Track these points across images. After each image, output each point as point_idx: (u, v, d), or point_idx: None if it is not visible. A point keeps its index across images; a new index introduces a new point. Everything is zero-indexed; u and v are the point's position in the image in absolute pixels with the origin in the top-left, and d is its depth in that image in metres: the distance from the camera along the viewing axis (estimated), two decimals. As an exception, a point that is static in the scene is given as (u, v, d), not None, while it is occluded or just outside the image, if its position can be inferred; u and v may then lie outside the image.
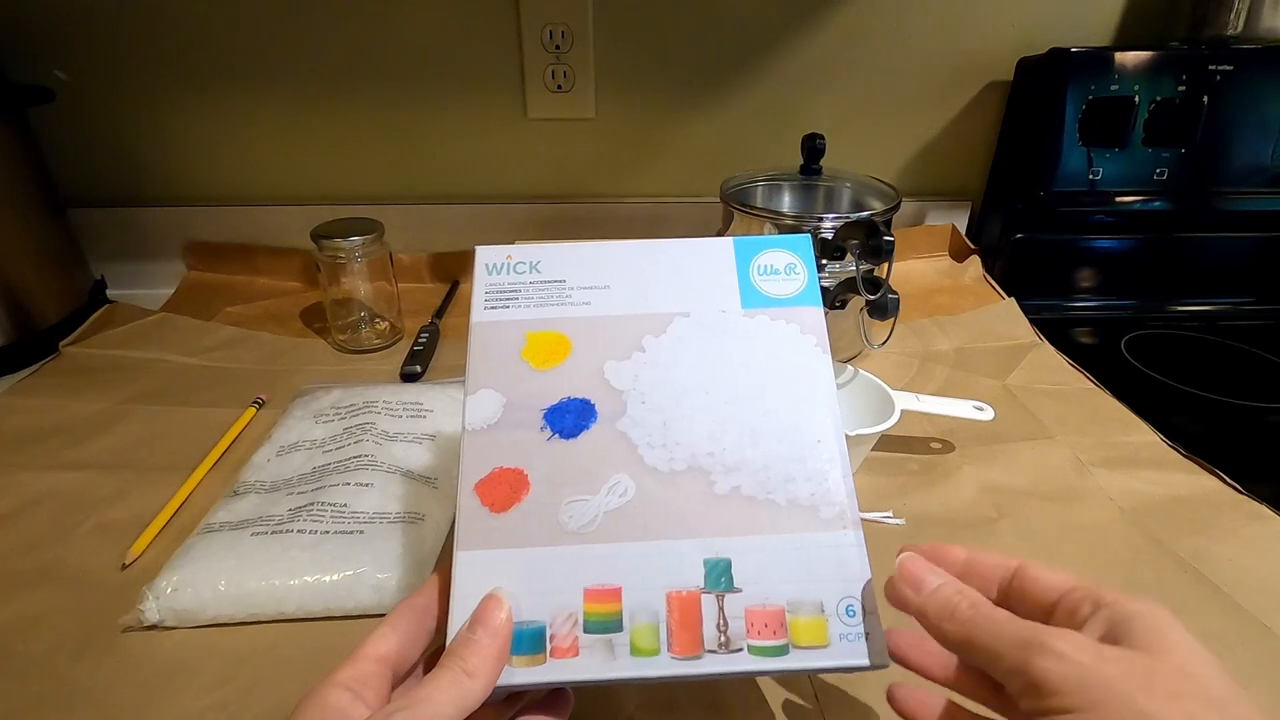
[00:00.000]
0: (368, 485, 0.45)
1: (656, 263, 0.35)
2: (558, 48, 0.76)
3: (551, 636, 0.27)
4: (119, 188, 0.80)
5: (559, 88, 0.78)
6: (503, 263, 0.35)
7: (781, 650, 0.27)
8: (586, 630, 0.27)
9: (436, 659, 0.26)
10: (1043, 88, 0.75)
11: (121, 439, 0.54)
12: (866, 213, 0.61)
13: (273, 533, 0.41)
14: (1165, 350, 0.71)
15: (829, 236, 0.59)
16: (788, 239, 0.36)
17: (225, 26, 0.74)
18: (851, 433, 0.45)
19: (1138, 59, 0.72)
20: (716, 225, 0.68)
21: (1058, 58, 0.73)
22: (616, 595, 0.28)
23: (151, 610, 0.37)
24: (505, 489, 0.30)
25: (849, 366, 0.53)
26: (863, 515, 0.33)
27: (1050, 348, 0.68)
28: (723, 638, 0.27)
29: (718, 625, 0.28)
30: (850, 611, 0.28)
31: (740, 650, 0.27)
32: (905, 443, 0.54)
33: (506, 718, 0.28)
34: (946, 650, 0.26)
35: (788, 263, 0.36)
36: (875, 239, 0.52)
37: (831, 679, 0.36)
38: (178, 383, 0.62)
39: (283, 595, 0.38)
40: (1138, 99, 0.72)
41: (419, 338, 0.67)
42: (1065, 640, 0.22)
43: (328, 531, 0.41)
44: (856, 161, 0.75)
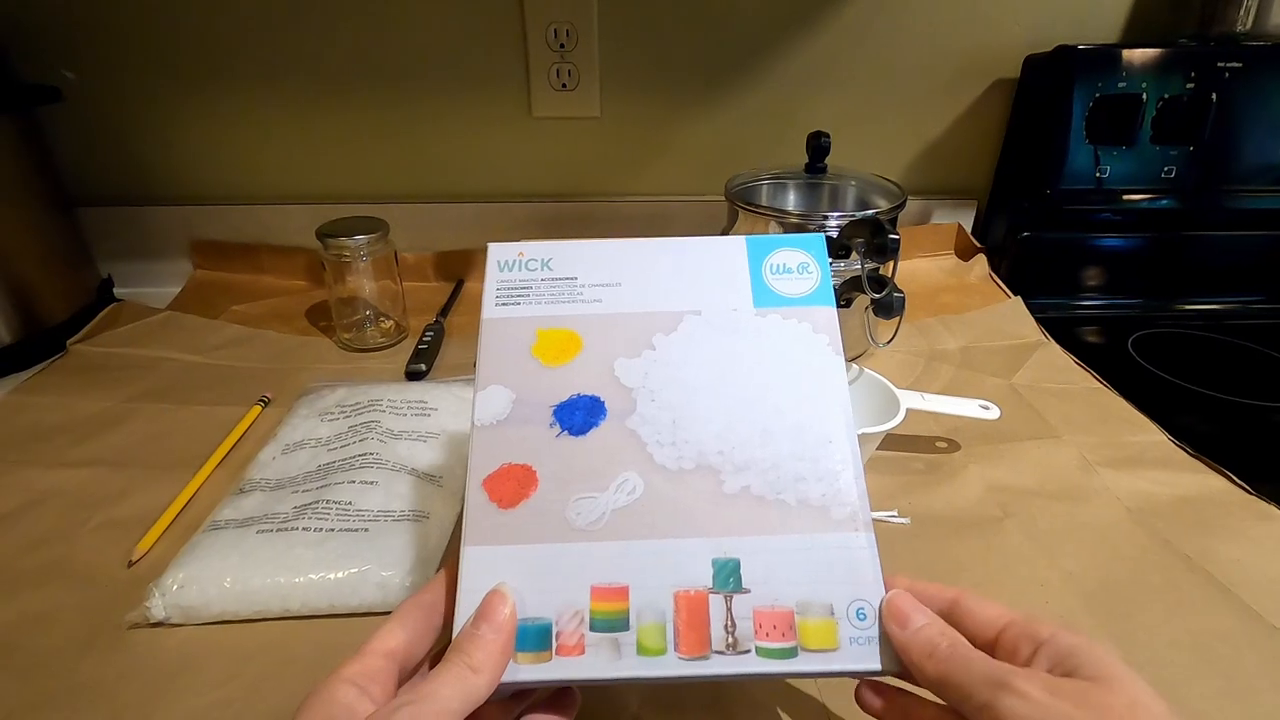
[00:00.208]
0: (372, 483, 0.45)
1: (668, 261, 0.35)
2: (562, 46, 0.76)
3: (558, 634, 0.27)
4: (126, 187, 0.81)
5: (563, 86, 0.78)
6: (514, 259, 0.35)
7: (790, 653, 0.27)
8: (593, 629, 0.27)
9: (443, 655, 0.26)
10: (1049, 85, 0.75)
11: (128, 437, 0.54)
12: (872, 211, 0.61)
13: (278, 530, 0.41)
14: (1173, 349, 0.70)
15: (834, 235, 0.58)
16: (801, 238, 0.36)
17: (231, 26, 0.74)
18: (856, 431, 0.45)
19: (1145, 56, 0.71)
20: (721, 224, 0.68)
21: (1064, 55, 0.73)
22: (623, 594, 0.28)
23: (157, 607, 0.37)
24: (513, 485, 0.30)
25: (854, 365, 0.53)
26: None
27: (1057, 347, 0.67)
28: (730, 639, 0.27)
29: (725, 626, 0.27)
30: (861, 614, 0.28)
31: (748, 652, 0.27)
32: (910, 442, 0.54)
33: (513, 715, 0.28)
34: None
35: (800, 262, 0.36)
36: (880, 237, 0.52)
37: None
38: (184, 381, 0.62)
39: (288, 593, 0.38)
40: (1145, 97, 0.71)
41: (424, 336, 0.67)
42: (1028, 680, 0.23)
43: (333, 529, 0.41)
44: (862, 160, 0.75)
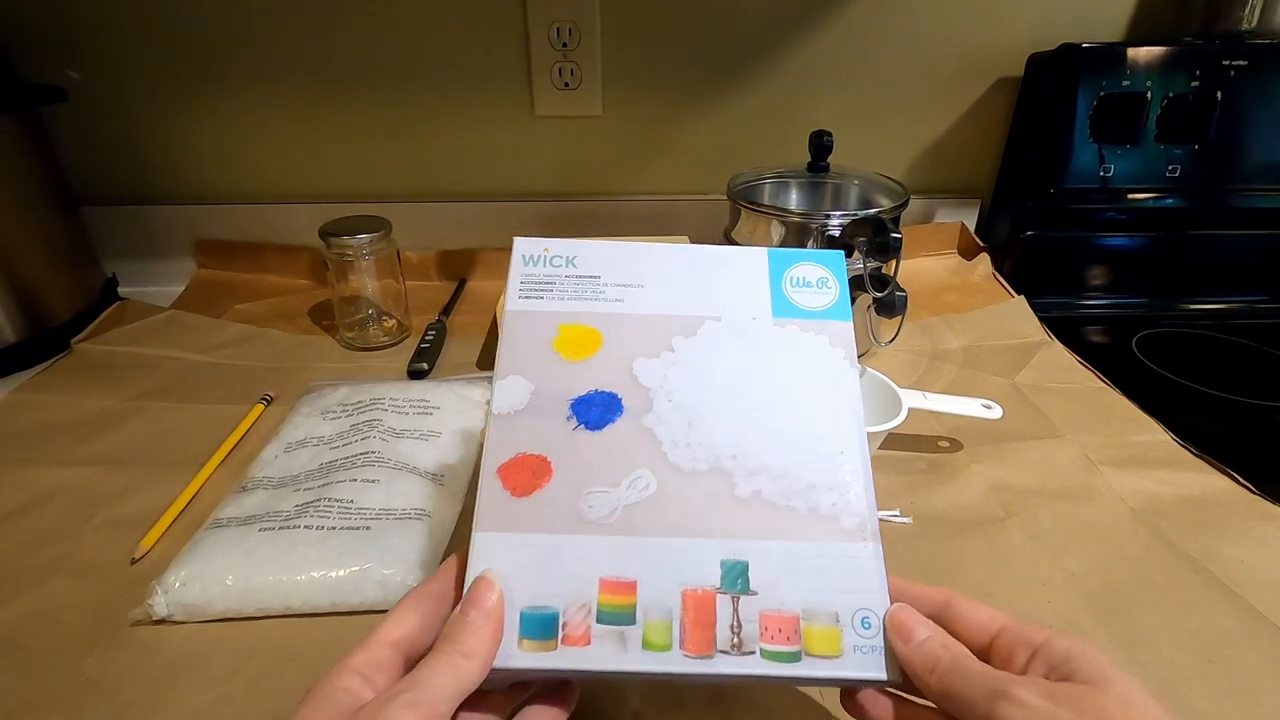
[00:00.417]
0: (374, 481, 0.45)
1: (690, 266, 0.36)
2: (565, 45, 0.76)
3: (564, 624, 0.27)
4: (130, 186, 0.81)
5: (566, 85, 0.78)
6: (539, 255, 0.36)
7: (794, 656, 0.27)
8: (600, 620, 0.28)
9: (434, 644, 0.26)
10: (1053, 84, 0.75)
11: (131, 435, 0.54)
12: (874, 210, 0.60)
13: (280, 528, 0.41)
14: (1177, 349, 0.70)
15: (836, 234, 0.58)
16: (822, 254, 0.37)
17: (235, 26, 0.74)
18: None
19: (1150, 54, 0.71)
20: (723, 223, 0.68)
21: (1068, 54, 0.72)
22: (631, 588, 0.28)
23: (160, 604, 0.38)
24: (527, 474, 0.30)
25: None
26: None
27: (1060, 346, 0.67)
28: (736, 639, 0.27)
29: (731, 626, 0.28)
30: (866, 624, 0.28)
31: (753, 653, 0.27)
32: (913, 441, 0.54)
33: (513, 706, 0.28)
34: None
35: (820, 276, 0.36)
36: (883, 236, 0.52)
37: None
38: (187, 379, 0.62)
39: (290, 590, 0.39)
40: (1150, 95, 0.71)
41: (426, 335, 0.68)
42: (1027, 688, 0.23)
43: (334, 527, 0.41)
44: (864, 158, 0.75)
